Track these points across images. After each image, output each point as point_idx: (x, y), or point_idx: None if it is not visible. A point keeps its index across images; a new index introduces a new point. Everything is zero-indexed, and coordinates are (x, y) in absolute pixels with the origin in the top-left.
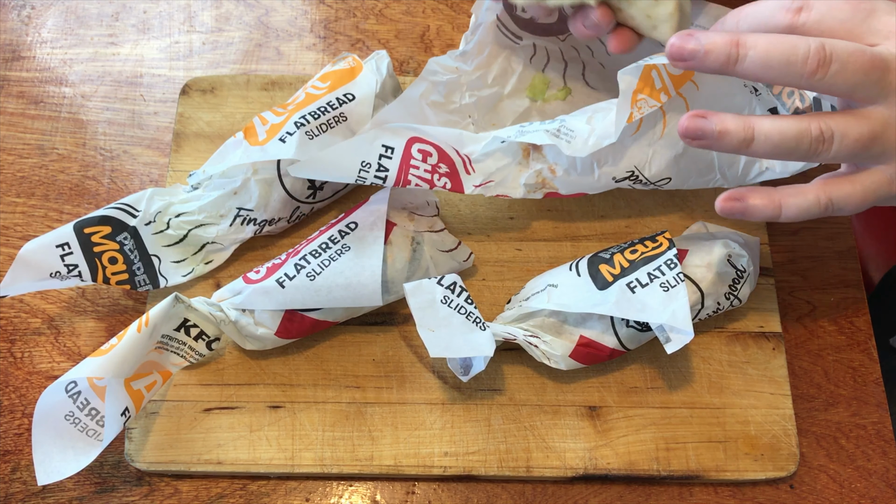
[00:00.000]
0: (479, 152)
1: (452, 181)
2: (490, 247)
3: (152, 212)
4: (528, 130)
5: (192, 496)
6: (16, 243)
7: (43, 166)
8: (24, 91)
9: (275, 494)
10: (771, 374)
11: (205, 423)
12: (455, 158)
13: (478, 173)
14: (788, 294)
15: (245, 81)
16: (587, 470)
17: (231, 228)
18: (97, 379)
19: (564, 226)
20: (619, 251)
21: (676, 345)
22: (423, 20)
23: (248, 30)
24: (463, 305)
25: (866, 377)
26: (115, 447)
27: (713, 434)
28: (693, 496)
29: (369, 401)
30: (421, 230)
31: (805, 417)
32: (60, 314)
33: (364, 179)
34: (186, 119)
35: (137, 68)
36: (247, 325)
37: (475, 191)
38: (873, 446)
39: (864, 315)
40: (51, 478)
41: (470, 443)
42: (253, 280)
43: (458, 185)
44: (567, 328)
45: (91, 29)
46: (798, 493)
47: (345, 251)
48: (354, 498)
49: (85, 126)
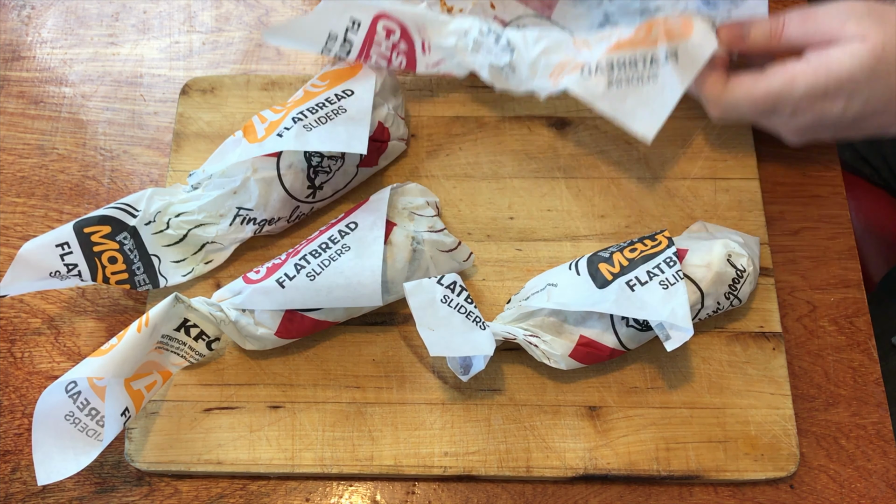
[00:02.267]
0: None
1: (408, 60)
2: (490, 247)
3: (152, 212)
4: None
5: (192, 496)
6: (16, 243)
7: (43, 166)
8: (24, 91)
9: (275, 494)
10: (771, 374)
11: (205, 423)
12: (415, 38)
13: (433, 53)
14: (788, 294)
15: (245, 81)
16: (587, 470)
17: (231, 228)
18: (97, 379)
19: (564, 226)
20: (618, 250)
21: (676, 342)
22: None
23: (248, 30)
24: (463, 305)
25: (866, 377)
26: (115, 447)
27: (713, 434)
28: (693, 496)
29: (369, 401)
30: (421, 230)
31: (805, 417)
32: (60, 314)
33: (329, 51)
34: (186, 119)
35: (137, 68)
36: (247, 325)
37: (428, 70)
38: (873, 446)
39: (864, 315)
40: (51, 478)
41: (470, 443)
42: (253, 280)
43: (412, 64)
44: (567, 328)
45: (91, 29)
46: (798, 493)
47: (345, 251)
48: (354, 498)
49: (85, 126)
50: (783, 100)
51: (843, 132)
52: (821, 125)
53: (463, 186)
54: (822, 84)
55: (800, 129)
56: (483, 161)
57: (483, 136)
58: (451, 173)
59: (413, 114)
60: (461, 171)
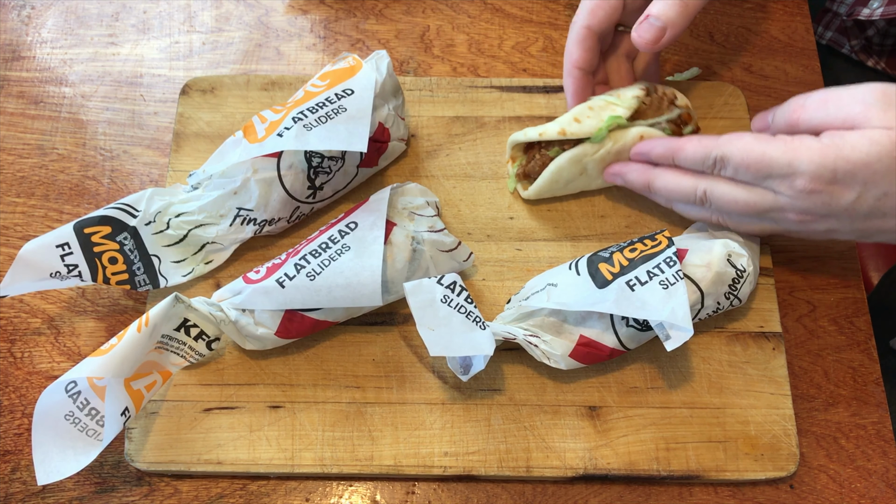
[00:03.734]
0: None
1: None
2: (490, 247)
3: (152, 212)
4: None
5: (192, 496)
6: (16, 243)
7: (43, 166)
8: (24, 91)
9: (275, 494)
10: (771, 374)
11: (205, 423)
12: None
13: None
14: (788, 294)
15: (245, 81)
16: (587, 470)
17: (231, 228)
18: (97, 379)
19: (564, 226)
20: (618, 250)
21: (676, 342)
22: (423, 20)
23: (248, 30)
24: (463, 305)
25: (866, 377)
26: (115, 447)
27: (713, 434)
28: (693, 496)
29: (369, 401)
30: (421, 230)
31: (805, 417)
32: (60, 314)
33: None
34: (186, 119)
35: (137, 68)
36: (247, 325)
37: None
38: (873, 446)
39: (864, 315)
40: (51, 478)
41: (470, 443)
42: (253, 280)
43: None
44: (567, 327)
45: (91, 29)
46: (798, 493)
47: (345, 251)
48: (354, 498)
49: (85, 126)
50: (779, 167)
51: (858, 227)
52: (829, 213)
53: (463, 186)
54: (830, 164)
55: (805, 210)
56: (483, 161)
57: (483, 136)
58: (451, 173)
59: (413, 114)
60: (461, 171)
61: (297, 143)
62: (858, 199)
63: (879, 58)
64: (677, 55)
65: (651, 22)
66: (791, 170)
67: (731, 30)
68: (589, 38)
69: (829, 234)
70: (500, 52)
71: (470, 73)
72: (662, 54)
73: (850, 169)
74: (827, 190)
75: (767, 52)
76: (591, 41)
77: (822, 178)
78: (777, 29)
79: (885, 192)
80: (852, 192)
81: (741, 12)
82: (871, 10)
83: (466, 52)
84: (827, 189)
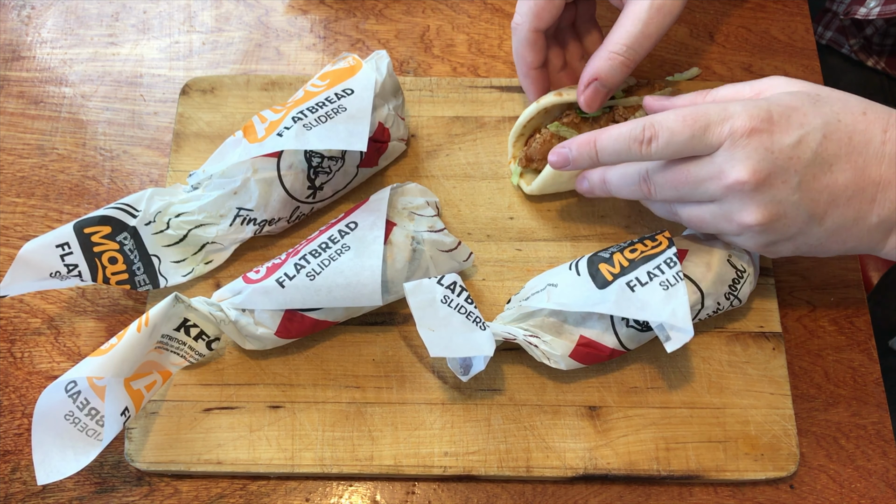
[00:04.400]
0: None
1: None
2: (490, 247)
3: (152, 212)
4: None
5: (192, 496)
6: (16, 243)
7: (43, 166)
8: (24, 91)
9: (275, 494)
10: (771, 374)
11: (205, 423)
12: None
13: None
14: (788, 294)
15: (245, 81)
16: (587, 470)
17: (231, 228)
18: (97, 379)
19: (564, 226)
20: (618, 250)
21: (676, 343)
22: (423, 20)
23: (248, 30)
24: (463, 305)
25: (866, 377)
26: (115, 447)
27: (713, 434)
28: (693, 496)
29: (369, 401)
30: (421, 230)
31: (805, 417)
32: (60, 314)
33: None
34: (186, 119)
35: (137, 68)
36: (247, 325)
37: None
38: (873, 446)
39: (864, 315)
40: (51, 478)
41: (470, 443)
42: (253, 280)
43: None
44: (567, 328)
45: (91, 29)
46: (798, 493)
47: (345, 251)
48: (354, 498)
49: (85, 126)
50: (715, 112)
51: (811, 198)
52: (774, 166)
53: (463, 186)
54: (763, 105)
55: (750, 167)
56: (483, 161)
57: (483, 136)
58: (451, 173)
59: (413, 114)
60: (461, 171)
61: (297, 142)
62: (800, 143)
63: (879, 57)
64: (677, 55)
65: (596, 88)
66: (727, 113)
67: (731, 30)
68: (539, 39)
69: (780, 224)
70: (500, 52)
71: (470, 73)
72: (662, 54)
73: (782, 111)
74: (767, 129)
75: (767, 51)
76: (541, 42)
77: (759, 116)
78: (777, 29)
79: (823, 134)
80: (793, 134)
81: (741, 12)
82: (868, 9)
83: (466, 52)
84: (767, 128)
